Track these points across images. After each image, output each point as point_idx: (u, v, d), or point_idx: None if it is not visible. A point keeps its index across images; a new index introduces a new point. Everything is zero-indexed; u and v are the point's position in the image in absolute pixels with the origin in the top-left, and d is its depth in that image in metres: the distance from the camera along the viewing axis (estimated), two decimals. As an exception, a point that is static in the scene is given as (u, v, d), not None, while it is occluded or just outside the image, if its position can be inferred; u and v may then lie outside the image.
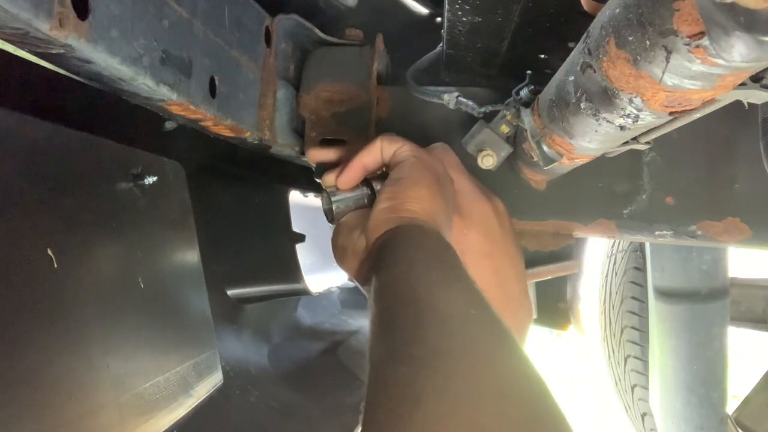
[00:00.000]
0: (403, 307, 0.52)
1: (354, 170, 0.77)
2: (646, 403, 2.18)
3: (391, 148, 0.76)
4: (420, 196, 0.68)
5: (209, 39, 0.73)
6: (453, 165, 0.82)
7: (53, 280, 0.67)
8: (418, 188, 0.69)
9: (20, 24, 0.45)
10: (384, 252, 0.63)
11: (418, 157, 0.74)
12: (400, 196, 0.68)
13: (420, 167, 0.73)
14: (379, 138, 0.77)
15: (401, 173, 0.72)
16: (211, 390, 1.01)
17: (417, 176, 0.71)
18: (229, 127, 0.81)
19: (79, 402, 0.68)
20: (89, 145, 0.78)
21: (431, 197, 0.69)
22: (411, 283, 0.54)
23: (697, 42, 0.39)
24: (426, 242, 0.63)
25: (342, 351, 1.87)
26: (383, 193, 0.71)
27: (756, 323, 2.02)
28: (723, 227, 0.96)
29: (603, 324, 2.32)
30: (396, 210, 0.67)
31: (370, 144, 0.76)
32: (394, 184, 0.71)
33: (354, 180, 0.78)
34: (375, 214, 0.68)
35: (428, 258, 0.59)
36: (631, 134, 0.60)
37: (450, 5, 0.81)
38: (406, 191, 0.69)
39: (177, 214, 0.99)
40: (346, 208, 0.77)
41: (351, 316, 2.10)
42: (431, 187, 0.70)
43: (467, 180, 0.82)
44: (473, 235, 0.78)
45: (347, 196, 0.78)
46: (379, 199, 0.70)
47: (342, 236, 0.74)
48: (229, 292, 1.36)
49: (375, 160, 0.77)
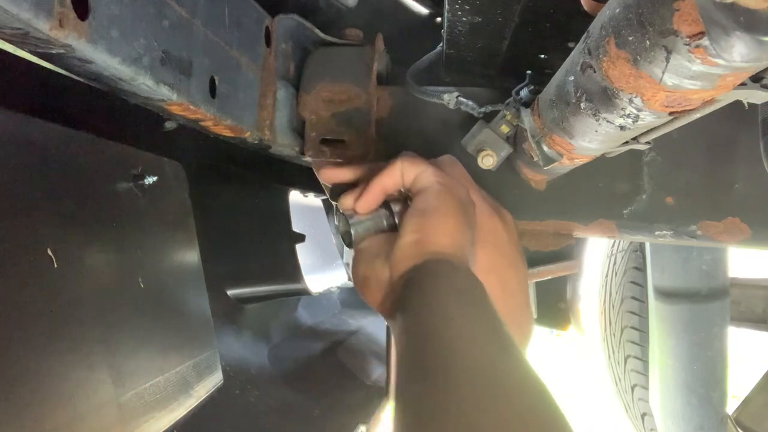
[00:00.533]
0: (432, 353, 0.51)
1: (374, 194, 0.74)
2: (646, 403, 2.18)
3: (412, 172, 0.72)
4: (447, 229, 0.66)
5: (209, 39, 0.73)
6: (467, 183, 0.80)
7: (53, 280, 0.67)
8: (446, 220, 0.66)
9: (20, 24, 0.45)
10: (410, 290, 0.61)
11: (442, 184, 0.71)
12: (427, 229, 0.65)
13: (445, 195, 0.69)
14: (399, 160, 0.73)
15: (427, 203, 0.69)
16: (211, 390, 1.01)
17: (443, 206, 0.68)
18: (229, 127, 0.81)
19: (79, 402, 0.68)
20: (89, 145, 0.78)
21: (458, 229, 0.67)
22: (439, 328, 0.53)
23: (697, 42, 0.39)
24: (454, 280, 0.60)
25: (342, 351, 1.87)
26: (408, 224, 0.67)
27: (756, 323, 2.02)
28: (723, 227, 0.96)
29: (603, 324, 2.32)
30: (423, 244, 0.64)
31: (390, 166, 0.73)
32: (420, 216, 0.67)
33: (374, 204, 0.75)
34: (400, 248, 0.65)
35: (456, 299, 0.57)
36: (631, 134, 0.60)
37: (450, 5, 0.81)
38: (433, 224, 0.66)
39: (177, 214, 0.99)
40: (366, 232, 0.74)
41: (351, 316, 2.10)
42: (458, 217, 0.68)
43: (479, 196, 0.80)
44: (484, 252, 0.76)
45: (366, 219, 0.74)
46: (404, 230, 0.67)
47: (363, 265, 0.71)
48: (229, 292, 1.36)
49: (395, 183, 0.73)
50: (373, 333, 2.06)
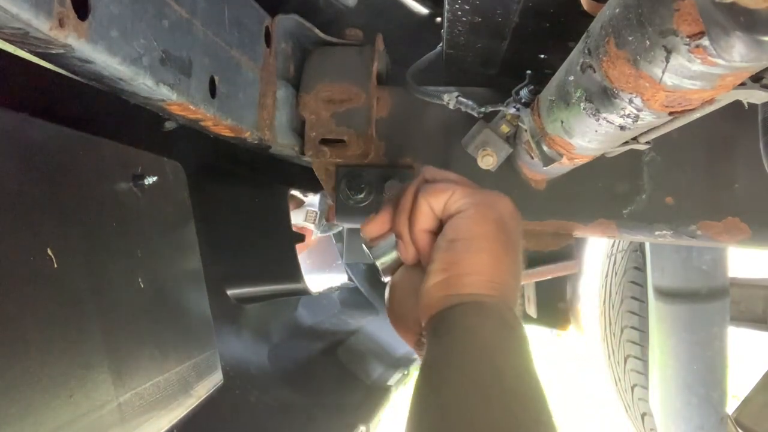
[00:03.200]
0: (456, 410, 0.46)
1: (381, 217, 0.67)
2: (646, 403, 2.18)
3: (439, 202, 0.62)
4: (481, 266, 0.57)
5: (209, 39, 0.73)
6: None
7: (53, 280, 0.67)
8: (479, 254, 0.57)
9: (20, 24, 0.45)
10: (438, 339, 0.54)
11: (475, 205, 0.60)
12: (456, 267, 0.57)
13: (479, 221, 0.59)
14: (421, 195, 0.63)
15: (456, 233, 0.59)
16: (211, 390, 1.01)
17: (476, 236, 0.58)
18: (229, 127, 0.81)
19: (79, 402, 0.68)
20: (89, 145, 0.78)
21: (494, 262, 0.57)
22: (465, 385, 0.48)
23: (696, 42, 0.39)
24: (481, 333, 0.53)
25: (342, 351, 1.87)
26: (436, 261, 0.59)
27: (756, 323, 2.02)
28: (723, 227, 0.96)
29: (603, 324, 2.32)
30: (451, 286, 0.56)
31: (417, 205, 0.63)
32: (449, 250, 0.58)
33: (381, 226, 0.67)
34: (427, 290, 0.58)
35: (486, 354, 0.51)
36: (631, 134, 0.60)
37: (450, 5, 0.81)
38: (462, 260, 0.57)
39: (177, 214, 0.99)
40: (389, 259, 0.68)
41: (351, 316, 2.10)
42: (493, 248, 0.58)
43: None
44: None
45: (380, 244, 0.68)
46: (432, 268, 0.58)
47: (396, 303, 0.65)
48: (229, 292, 1.36)
49: (428, 218, 0.63)
50: (373, 333, 2.06)
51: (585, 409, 3.78)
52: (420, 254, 0.64)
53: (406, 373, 2.04)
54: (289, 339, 1.68)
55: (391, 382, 1.96)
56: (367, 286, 2.04)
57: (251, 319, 1.48)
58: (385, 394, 1.89)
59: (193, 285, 1.02)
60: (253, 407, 1.31)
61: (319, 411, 1.55)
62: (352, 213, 1.03)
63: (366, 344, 2.00)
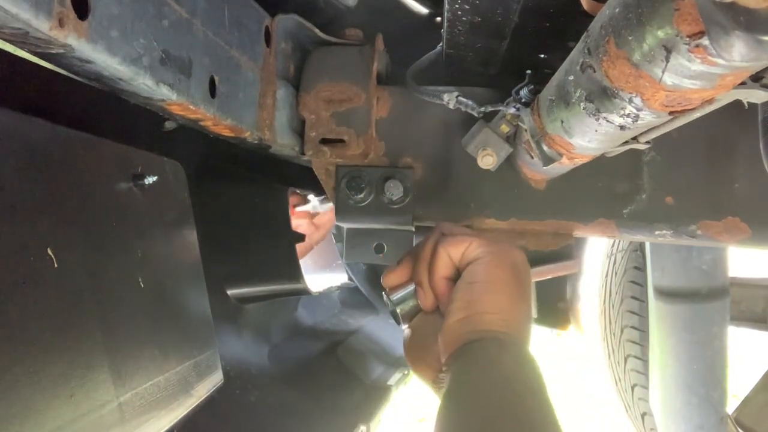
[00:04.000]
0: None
1: (401, 267, 0.73)
2: (646, 403, 2.18)
3: (458, 251, 0.68)
4: (498, 306, 0.63)
5: (209, 39, 0.73)
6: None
7: (53, 280, 0.67)
8: (496, 295, 0.63)
9: (20, 24, 0.45)
10: (457, 374, 0.59)
11: (492, 253, 0.67)
12: (476, 306, 0.63)
13: (496, 266, 0.65)
14: (441, 246, 0.69)
15: (476, 276, 0.65)
16: (211, 390, 1.01)
17: (493, 279, 0.64)
18: (229, 127, 0.81)
19: (79, 402, 0.68)
20: (89, 145, 0.78)
21: (511, 302, 0.64)
22: (490, 409, 0.53)
23: (696, 41, 0.39)
24: (500, 366, 0.58)
25: (342, 351, 1.87)
26: (456, 300, 0.64)
27: (756, 323, 2.02)
28: (723, 227, 0.96)
29: (603, 324, 2.32)
30: (471, 322, 0.62)
31: (435, 256, 0.69)
32: (468, 291, 0.64)
33: (402, 276, 0.73)
34: (449, 326, 0.63)
35: (500, 391, 0.55)
36: (630, 134, 0.60)
37: (450, 5, 0.81)
38: (481, 299, 0.63)
39: (177, 214, 0.99)
40: (408, 306, 0.73)
41: (351, 316, 2.10)
42: (509, 290, 0.64)
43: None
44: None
45: (400, 293, 0.74)
46: (452, 307, 0.64)
47: (415, 345, 0.70)
48: (229, 292, 1.36)
49: (447, 267, 0.69)
50: (373, 333, 2.06)
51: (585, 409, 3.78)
52: (438, 300, 0.70)
53: (406, 373, 2.04)
54: (289, 339, 1.68)
55: (391, 382, 1.96)
56: (367, 286, 2.04)
57: (251, 319, 1.48)
58: (385, 394, 1.89)
59: (193, 285, 1.02)
60: (253, 407, 1.31)
61: (319, 411, 1.55)
62: (352, 213, 1.03)
63: (366, 344, 2.00)
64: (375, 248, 1.11)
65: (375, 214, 1.03)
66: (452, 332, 0.62)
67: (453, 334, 0.62)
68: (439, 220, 1.05)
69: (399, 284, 0.74)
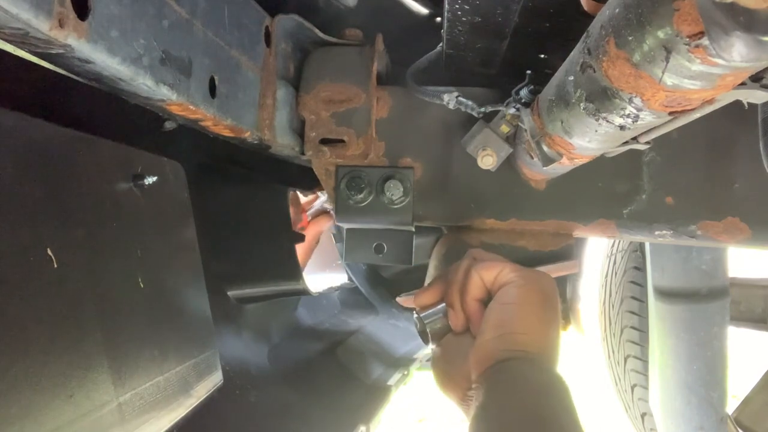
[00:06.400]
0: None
1: (433, 288, 0.77)
2: (646, 403, 2.18)
3: (491, 275, 0.72)
4: (530, 327, 0.65)
5: (209, 39, 0.73)
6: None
7: (53, 280, 0.67)
8: (528, 316, 0.66)
9: (20, 24, 0.45)
10: (490, 390, 0.61)
11: (524, 277, 0.70)
12: (509, 326, 0.65)
13: (528, 290, 0.68)
14: (474, 269, 0.72)
15: (509, 298, 0.68)
16: (211, 390, 1.01)
17: (526, 302, 0.67)
18: (229, 127, 0.81)
19: (79, 402, 0.68)
20: (89, 145, 0.78)
21: (541, 326, 0.66)
22: (525, 422, 0.55)
23: (696, 42, 0.39)
24: (533, 383, 0.60)
25: (342, 351, 1.87)
26: (489, 320, 0.67)
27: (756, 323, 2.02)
28: (723, 227, 0.96)
29: (603, 324, 2.32)
30: (504, 342, 0.64)
31: (469, 278, 0.72)
32: (501, 311, 0.67)
33: (432, 297, 0.77)
34: (482, 344, 0.65)
35: (534, 404, 0.58)
36: (630, 134, 0.60)
37: (450, 5, 0.81)
38: (514, 320, 0.65)
39: (177, 214, 0.99)
40: (438, 326, 0.76)
41: (351, 316, 2.09)
42: (540, 314, 0.67)
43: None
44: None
45: (430, 313, 0.76)
46: (485, 326, 0.67)
47: (444, 363, 0.72)
48: (229, 292, 1.36)
49: (479, 290, 0.72)
50: (373, 333, 2.06)
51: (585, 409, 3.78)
52: (470, 321, 0.72)
53: (406, 373, 2.04)
54: (289, 339, 1.68)
55: (391, 382, 1.96)
56: (367, 286, 2.03)
57: (251, 319, 1.48)
58: (385, 394, 1.89)
59: (193, 285, 1.02)
60: (252, 407, 1.31)
61: (319, 411, 1.55)
62: (352, 213, 1.03)
63: (366, 344, 2.00)
64: (375, 248, 1.11)
65: (375, 214, 1.03)
66: (485, 350, 0.65)
67: (486, 352, 0.64)
68: (440, 221, 1.06)
69: (430, 304, 0.77)
